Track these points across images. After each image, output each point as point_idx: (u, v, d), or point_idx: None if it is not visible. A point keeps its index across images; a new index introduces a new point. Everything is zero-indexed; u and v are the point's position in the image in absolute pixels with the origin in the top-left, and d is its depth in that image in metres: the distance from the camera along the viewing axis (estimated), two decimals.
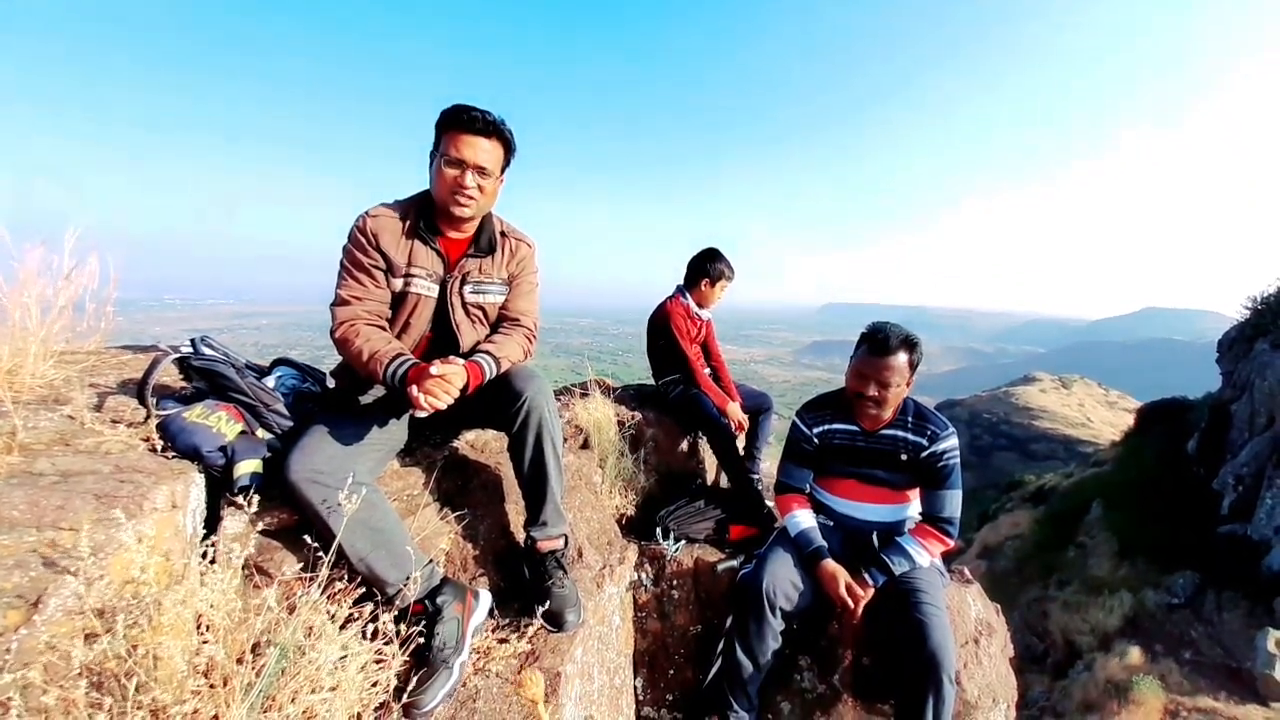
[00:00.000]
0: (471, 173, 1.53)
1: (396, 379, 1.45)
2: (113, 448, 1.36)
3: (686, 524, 2.48)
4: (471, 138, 1.52)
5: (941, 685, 1.65)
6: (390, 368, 1.46)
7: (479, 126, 1.51)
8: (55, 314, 1.61)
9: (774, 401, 3.13)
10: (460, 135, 1.51)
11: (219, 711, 0.98)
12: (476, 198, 1.57)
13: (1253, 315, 13.15)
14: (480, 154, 1.53)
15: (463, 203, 1.56)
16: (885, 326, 1.91)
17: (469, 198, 1.55)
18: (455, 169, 1.52)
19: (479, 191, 1.56)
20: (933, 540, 1.93)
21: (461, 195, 1.54)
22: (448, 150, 1.51)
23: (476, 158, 1.52)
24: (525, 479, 1.66)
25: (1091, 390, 38.51)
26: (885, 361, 1.87)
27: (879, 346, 1.88)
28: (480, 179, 1.55)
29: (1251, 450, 10.29)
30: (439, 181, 1.55)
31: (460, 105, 1.52)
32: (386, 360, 1.47)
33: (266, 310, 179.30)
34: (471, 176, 1.53)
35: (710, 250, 3.10)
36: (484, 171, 1.55)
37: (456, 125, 1.51)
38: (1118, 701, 6.79)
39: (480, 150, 1.53)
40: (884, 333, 1.89)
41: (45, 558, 1.02)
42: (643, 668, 2.22)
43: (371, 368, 1.47)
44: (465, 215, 1.59)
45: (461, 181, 1.52)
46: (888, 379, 1.87)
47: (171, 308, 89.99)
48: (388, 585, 1.38)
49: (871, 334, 1.92)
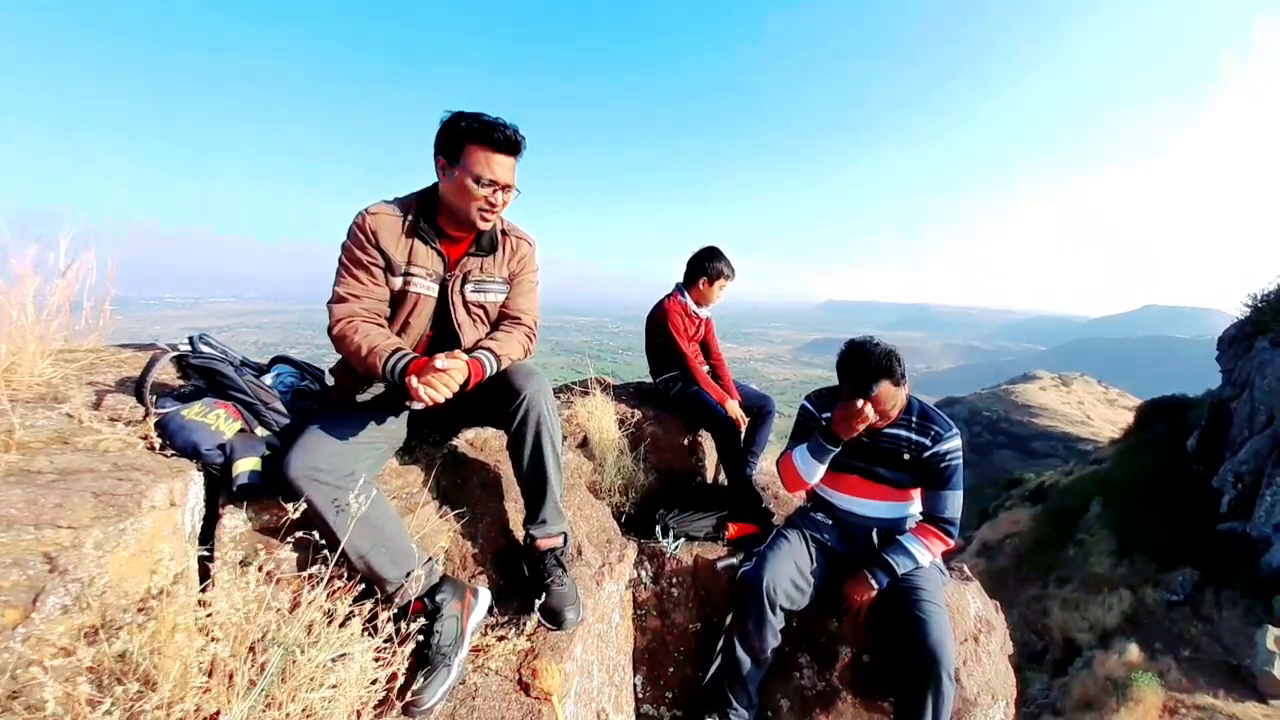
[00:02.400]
0: (500, 191, 1.56)
1: (396, 373, 1.45)
2: (111, 446, 1.36)
3: (686, 522, 2.48)
4: (501, 157, 1.53)
5: (941, 682, 1.65)
6: (390, 362, 1.45)
7: (509, 146, 1.54)
8: (53, 312, 1.61)
9: (775, 403, 3.12)
10: (492, 154, 1.52)
11: (221, 709, 0.98)
12: (500, 213, 1.63)
13: (1253, 313, 13.16)
14: (509, 173, 1.56)
15: (489, 219, 1.61)
16: (857, 364, 1.86)
17: (495, 215, 1.61)
18: (486, 188, 1.54)
19: (503, 206, 1.61)
20: (934, 540, 1.93)
21: (489, 213, 1.59)
22: (476, 168, 1.51)
23: (507, 177, 1.56)
24: (524, 477, 1.66)
25: (1091, 388, 38.53)
26: (872, 398, 1.83)
27: (861, 390, 1.83)
28: (505, 195, 1.59)
29: (1251, 448, 10.31)
30: (463, 195, 1.54)
31: (487, 120, 1.50)
32: (386, 354, 1.46)
33: (266, 309, 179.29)
34: (500, 195, 1.57)
35: (710, 249, 3.10)
36: (509, 188, 1.58)
37: (486, 143, 1.50)
38: (1117, 699, 6.81)
39: (509, 169, 1.56)
40: (861, 374, 1.84)
41: (44, 556, 1.02)
42: (642, 665, 2.23)
43: (371, 362, 1.47)
44: (488, 229, 1.65)
45: (493, 200, 1.56)
46: (882, 410, 1.86)
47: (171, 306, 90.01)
48: (387, 583, 1.38)
49: (850, 376, 1.87)
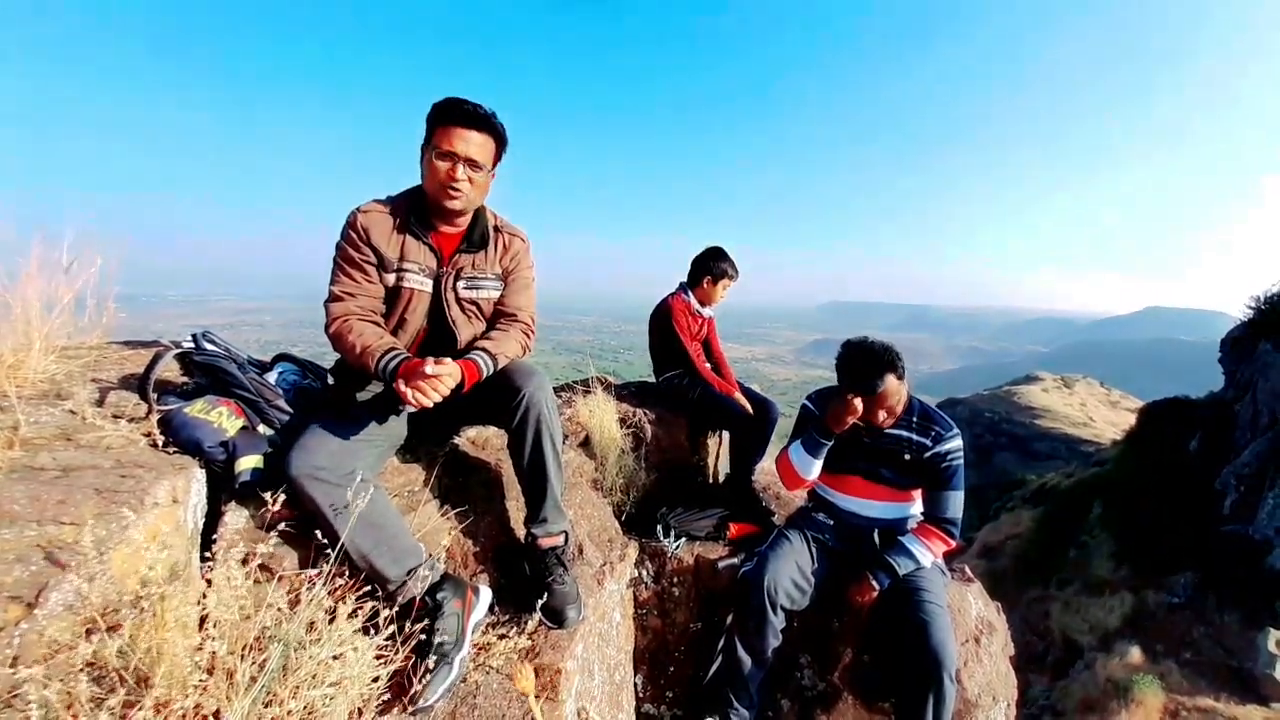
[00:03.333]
0: (462, 165, 1.52)
1: (387, 373, 1.45)
2: (114, 443, 1.36)
3: (687, 521, 2.48)
4: (463, 130, 1.51)
5: (942, 683, 1.65)
6: (381, 361, 1.46)
7: (470, 119, 1.51)
8: (58, 309, 1.61)
9: (779, 407, 3.12)
10: (451, 128, 1.50)
11: (221, 706, 0.98)
12: (466, 190, 1.56)
13: (1256, 315, 13.09)
14: (471, 147, 1.53)
15: (453, 195, 1.55)
16: (858, 360, 1.87)
17: (459, 190, 1.55)
18: (446, 161, 1.52)
19: (469, 184, 1.55)
20: (935, 540, 1.93)
21: (452, 188, 1.54)
22: (438, 143, 1.51)
23: (467, 150, 1.52)
24: (525, 475, 1.66)
25: (1094, 389, 38.41)
26: (878, 395, 1.86)
27: (865, 387, 1.85)
28: (471, 171, 1.54)
29: (1254, 450, 10.27)
30: (430, 174, 1.54)
31: (451, 98, 1.51)
32: (378, 354, 1.47)
33: (269, 306, 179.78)
34: (462, 169, 1.53)
35: (714, 249, 3.11)
36: (475, 164, 1.54)
37: (447, 118, 1.50)
38: (1118, 701, 6.80)
39: (471, 143, 1.53)
40: (862, 371, 1.86)
41: (46, 553, 1.02)
42: (643, 665, 2.22)
43: (364, 361, 1.47)
44: (456, 208, 1.59)
45: (453, 174, 1.52)
46: (889, 406, 1.89)
47: (174, 303, 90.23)
48: (389, 581, 1.38)
49: (850, 373, 1.89)
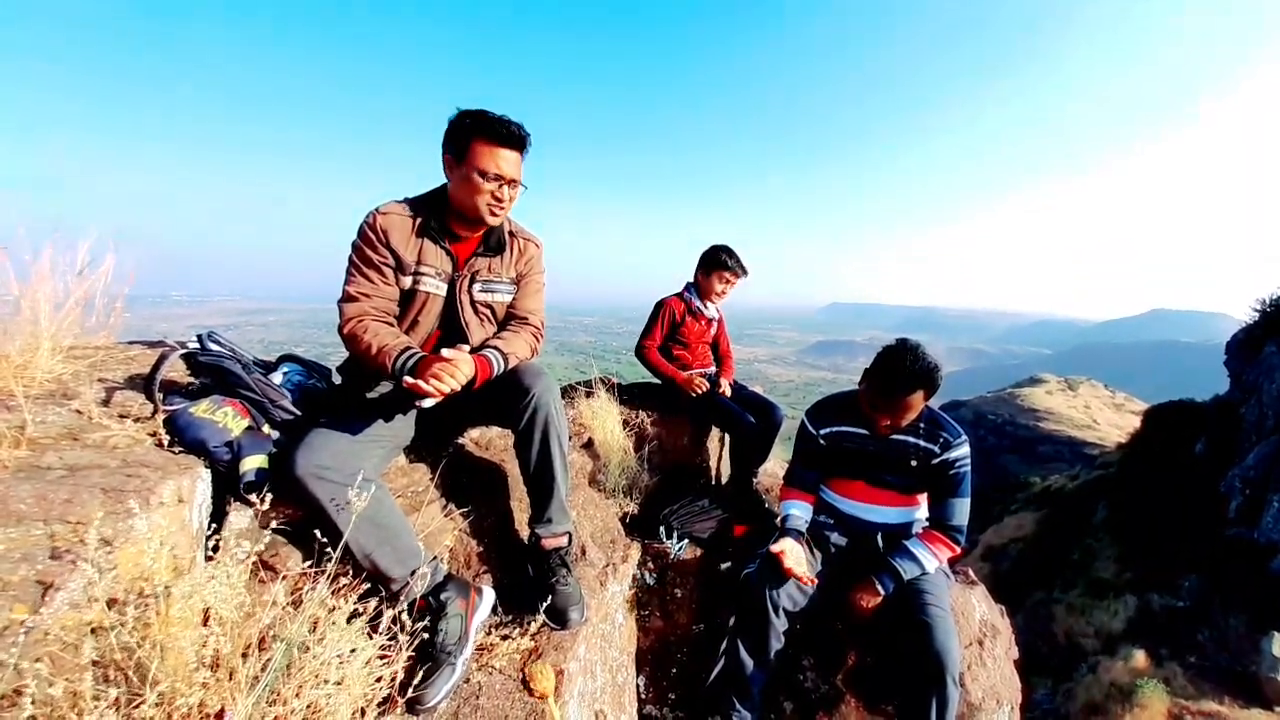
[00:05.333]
0: (506, 186, 1.58)
1: (405, 371, 1.46)
2: (120, 442, 1.37)
3: (690, 523, 2.48)
4: (506, 151, 1.55)
5: (946, 686, 1.64)
6: (399, 360, 1.47)
7: (514, 141, 1.55)
8: (66, 309, 1.63)
9: (783, 410, 3.12)
10: (495, 148, 1.53)
11: (225, 704, 0.99)
12: (509, 208, 1.64)
13: (1262, 317, 13.02)
14: (513, 166, 1.57)
15: (497, 214, 1.62)
16: (903, 361, 1.77)
17: (504, 210, 1.62)
18: (492, 183, 1.55)
19: (510, 202, 1.62)
20: (941, 546, 1.92)
21: (498, 208, 1.60)
22: (482, 163, 1.53)
23: (512, 171, 1.57)
24: (531, 476, 1.66)
25: (1098, 392, 38.26)
26: (903, 401, 1.79)
27: (896, 387, 1.76)
28: (511, 190, 1.60)
29: (1259, 453, 10.21)
30: (469, 190, 1.56)
31: (492, 116, 1.52)
32: (395, 353, 1.48)
33: (274, 307, 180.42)
34: (507, 190, 1.58)
35: (717, 245, 3.11)
36: (515, 183, 1.60)
37: (491, 137, 1.52)
38: (1122, 705, 6.76)
39: (514, 164, 1.58)
40: (901, 374, 1.76)
41: (52, 551, 1.03)
42: (645, 666, 2.22)
43: (380, 361, 1.49)
44: (496, 225, 1.67)
45: (499, 195, 1.58)
46: (904, 416, 1.84)
47: (179, 304, 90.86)
48: (392, 581, 1.38)
49: (888, 371, 1.79)
